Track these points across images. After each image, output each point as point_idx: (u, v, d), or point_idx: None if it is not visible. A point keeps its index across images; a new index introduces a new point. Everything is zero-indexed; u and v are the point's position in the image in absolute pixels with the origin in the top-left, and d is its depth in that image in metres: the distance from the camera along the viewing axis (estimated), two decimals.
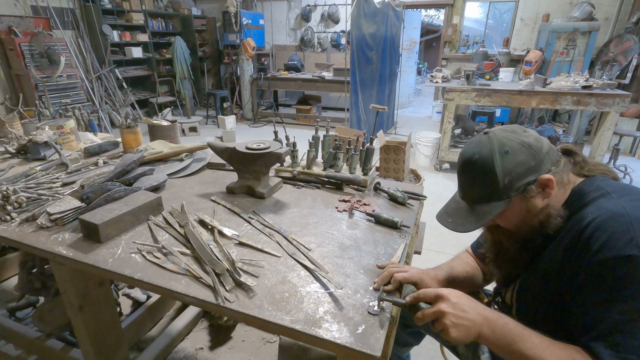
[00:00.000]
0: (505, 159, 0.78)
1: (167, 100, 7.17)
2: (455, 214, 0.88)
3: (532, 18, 6.25)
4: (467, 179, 0.85)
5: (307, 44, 7.87)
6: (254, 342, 1.85)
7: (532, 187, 0.78)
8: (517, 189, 0.78)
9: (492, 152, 0.79)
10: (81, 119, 2.22)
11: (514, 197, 0.79)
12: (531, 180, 0.78)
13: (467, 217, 0.85)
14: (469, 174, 0.84)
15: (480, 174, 0.81)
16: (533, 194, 0.79)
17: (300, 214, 1.23)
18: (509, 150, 0.78)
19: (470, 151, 0.84)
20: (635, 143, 5.08)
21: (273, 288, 0.87)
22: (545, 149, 0.80)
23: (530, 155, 0.78)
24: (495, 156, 0.79)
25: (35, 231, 1.10)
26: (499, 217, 0.83)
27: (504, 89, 4.04)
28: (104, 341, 1.28)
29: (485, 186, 0.81)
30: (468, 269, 1.10)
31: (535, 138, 0.81)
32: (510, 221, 0.85)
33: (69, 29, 5.90)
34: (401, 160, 2.62)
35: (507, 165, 0.78)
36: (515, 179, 0.78)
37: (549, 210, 0.81)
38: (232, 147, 1.32)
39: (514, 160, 0.78)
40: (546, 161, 0.79)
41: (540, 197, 0.80)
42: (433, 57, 13.46)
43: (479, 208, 0.83)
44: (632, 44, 5.03)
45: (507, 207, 0.80)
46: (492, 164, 0.79)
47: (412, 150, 4.62)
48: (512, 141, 0.79)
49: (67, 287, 1.12)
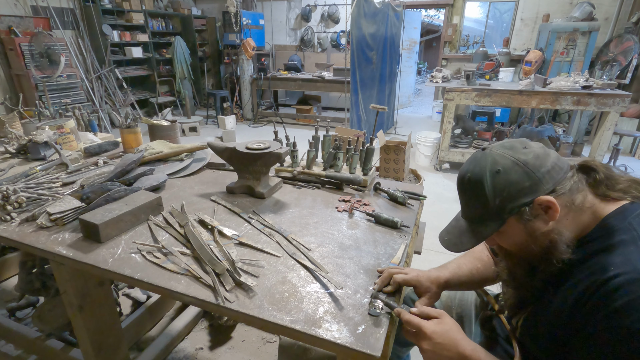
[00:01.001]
0: (495, 178, 0.73)
1: (167, 100, 7.17)
2: (452, 232, 0.86)
3: (532, 18, 6.25)
4: (463, 197, 0.82)
5: (307, 44, 7.87)
6: (254, 342, 1.85)
7: (527, 209, 0.72)
8: (510, 210, 0.73)
9: (484, 170, 0.75)
10: (81, 119, 2.22)
11: (508, 219, 0.74)
12: (526, 201, 0.71)
13: (462, 236, 0.82)
14: (464, 192, 0.81)
15: (472, 193, 0.77)
16: (531, 217, 0.73)
17: (300, 214, 1.23)
18: (500, 169, 0.73)
19: (465, 168, 0.80)
20: (635, 143, 5.08)
21: (273, 288, 0.87)
22: (547, 168, 0.72)
23: (524, 174, 0.71)
24: (486, 175, 0.74)
25: (35, 231, 1.10)
26: (498, 238, 0.80)
27: (504, 89, 4.04)
28: (104, 341, 1.28)
29: (476, 205, 0.77)
30: (479, 264, 1.06)
31: (536, 155, 0.73)
32: (510, 243, 0.80)
33: (69, 29, 5.90)
34: (401, 160, 2.62)
35: (498, 185, 0.73)
36: (507, 199, 0.72)
37: (552, 236, 0.74)
38: (232, 147, 1.32)
39: (506, 180, 0.72)
40: (546, 181, 0.71)
41: (542, 220, 0.73)
42: (433, 57, 13.47)
43: (474, 227, 0.80)
44: (632, 44, 5.04)
45: (501, 228, 0.75)
46: (482, 184, 0.74)
47: (412, 150, 4.62)
48: (506, 159, 0.73)
49: (67, 287, 1.12)
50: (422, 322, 0.76)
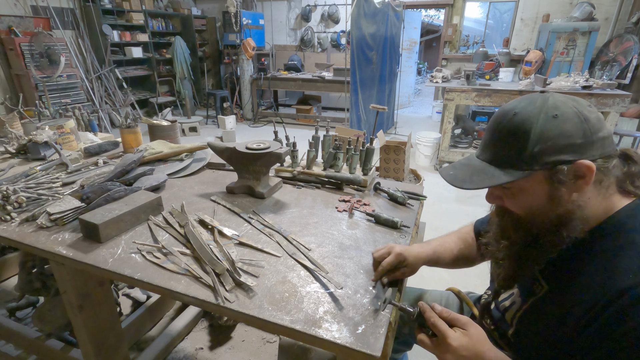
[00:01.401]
0: (549, 122, 0.63)
1: (167, 100, 7.17)
2: (461, 169, 0.75)
3: (532, 18, 6.26)
4: (493, 134, 0.70)
5: (307, 44, 7.87)
6: (254, 342, 1.85)
7: (564, 168, 0.63)
8: (544, 163, 0.64)
9: (539, 111, 0.65)
10: (81, 119, 2.22)
11: (536, 172, 0.65)
12: (567, 159, 0.63)
13: (473, 175, 0.71)
14: (497, 128, 0.69)
15: (511, 130, 0.67)
16: (562, 179, 0.64)
17: (300, 214, 1.23)
18: (558, 114, 0.63)
19: (513, 104, 0.69)
20: (635, 143, 5.08)
21: (273, 288, 0.87)
22: (603, 134, 0.64)
23: (581, 130, 0.63)
24: (539, 116, 0.64)
25: (35, 231, 1.10)
26: (510, 195, 0.71)
27: (504, 89, 4.04)
28: (104, 341, 1.28)
29: (510, 146, 0.67)
30: (462, 245, 1.04)
31: (598, 117, 0.65)
32: (523, 204, 0.71)
33: (69, 29, 5.90)
34: (401, 160, 2.62)
35: (548, 130, 0.63)
36: (549, 150, 0.63)
37: (572, 207, 0.66)
38: (232, 147, 1.32)
39: (559, 128, 0.63)
40: (597, 147, 0.63)
41: (568, 187, 0.65)
42: (433, 57, 13.47)
43: (491, 170, 0.69)
44: (632, 44, 5.04)
45: (523, 180, 0.66)
46: (530, 123, 0.64)
47: (412, 150, 4.62)
48: (569, 108, 0.64)
49: (67, 287, 1.12)
50: (448, 331, 0.69)
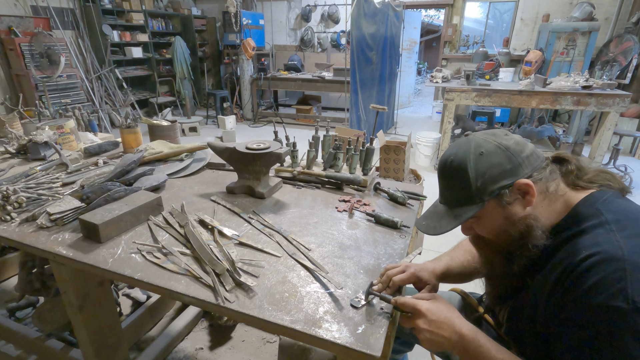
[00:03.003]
0: (479, 160, 0.75)
1: (167, 100, 7.17)
2: (430, 217, 0.86)
3: (532, 18, 6.25)
4: (444, 181, 0.83)
5: (307, 44, 7.87)
6: (254, 342, 1.85)
7: (507, 191, 0.75)
8: (490, 192, 0.75)
9: (468, 153, 0.77)
10: (81, 119, 2.22)
11: (487, 201, 0.76)
12: (506, 184, 0.74)
13: (441, 220, 0.83)
14: (445, 176, 0.82)
15: (454, 175, 0.79)
16: (509, 200, 0.75)
17: (300, 214, 1.23)
18: (483, 151, 0.75)
19: (448, 153, 0.82)
20: (635, 143, 5.08)
21: (273, 288, 0.87)
22: (526, 153, 0.76)
23: (506, 157, 0.75)
24: (469, 157, 0.76)
25: (35, 231, 1.10)
26: (476, 224, 0.82)
27: (504, 89, 4.04)
28: (104, 341, 1.28)
29: (459, 188, 0.79)
30: (469, 257, 1.07)
31: (516, 142, 0.77)
32: (488, 228, 0.82)
33: (69, 29, 5.90)
34: (401, 160, 2.62)
35: (480, 166, 0.75)
36: (489, 181, 0.75)
37: (529, 221, 0.77)
38: (232, 147, 1.32)
39: (488, 162, 0.75)
40: (525, 166, 0.75)
41: (519, 205, 0.76)
42: (433, 57, 13.47)
43: (453, 211, 0.81)
44: (632, 44, 5.03)
45: (480, 210, 0.77)
46: (465, 165, 0.76)
47: (412, 150, 4.61)
48: (489, 143, 0.76)
49: (67, 287, 1.12)
50: (416, 301, 0.78)
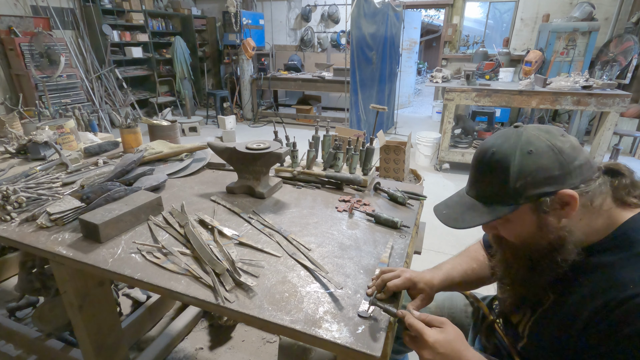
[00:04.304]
0: (525, 159, 0.67)
1: (167, 100, 7.17)
2: (453, 207, 0.78)
3: (532, 18, 6.25)
4: (478, 173, 0.75)
5: (307, 44, 7.87)
6: (254, 342, 1.85)
7: (547, 200, 0.66)
8: (528, 197, 0.67)
9: (514, 148, 0.68)
10: (81, 119, 2.22)
11: (522, 205, 0.68)
12: (549, 191, 0.66)
13: (464, 213, 0.75)
14: (481, 167, 0.73)
15: (493, 169, 0.70)
16: (547, 209, 0.67)
17: (300, 214, 1.23)
18: (533, 150, 0.66)
19: (490, 142, 0.73)
20: (635, 143, 5.08)
21: (273, 288, 0.87)
22: (580, 162, 0.67)
23: (557, 162, 0.66)
24: (515, 154, 0.67)
25: (35, 231, 1.10)
26: (503, 226, 0.75)
27: (504, 89, 4.04)
28: (104, 341, 1.28)
29: (493, 184, 0.71)
30: (474, 265, 1.02)
31: (572, 146, 0.67)
32: (515, 233, 0.75)
33: (69, 29, 5.90)
34: (401, 160, 2.62)
35: (525, 167, 0.66)
36: (530, 185, 0.66)
37: (563, 234, 0.69)
38: (232, 147, 1.32)
39: (536, 163, 0.66)
40: (575, 175, 0.66)
41: (556, 215, 0.68)
42: (433, 57, 13.47)
43: (480, 207, 0.73)
44: (632, 44, 5.03)
45: (511, 214, 0.70)
46: (508, 161, 0.68)
47: (412, 150, 4.62)
48: (542, 141, 0.67)
49: (67, 287, 1.12)
50: (424, 328, 0.72)
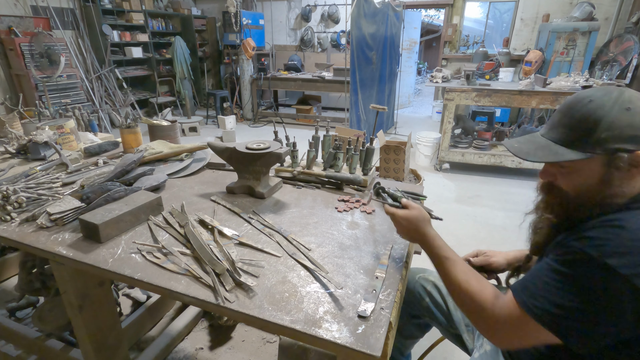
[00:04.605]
0: (621, 113, 0.68)
1: (167, 100, 7.17)
2: (525, 143, 0.81)
3: (532, 18, 6.25)
4: (565, 117, 0.76)
5: (307, 44, 7.87)
6: (254, 342, 1.85)
7: (624, 156, 0.69)
8: (607, 149, 0.69)
9: (613, 101, 0.70)
10: (81, 119, 2.22)
11: (597, 156, 0.70)
12: (629, 148, 0.68)
13: (537, 150, 0.77)
14: (571, 112, 0.75)
15: (584, 115, 0.72)
16: (619, 165, 0.69)
17: (300, 214, 1.23)
18: (631, 107, 0.68)
19: (589, 92, 0.74)
20: None
21: (273, 288, 0.87)
22: None
23: None
24: (612, 106, 0.69)
25: (35, 231, 1.10)
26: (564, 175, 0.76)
27: (504, 89, 4.04)
28: (104, 341, 1.28)
29: (578, 129, 0.72)
30: None
31: None
32: (575, 183, 0.76)
33: (69, 29, 5.90)
34: (401, 160, 2.62)
35: (618, 120, 0.68)
36: (616, 138, 0.68)
37: (617, 191, 0.71)
38: (232, 147, 1.32)
39: (630, 119, 0.68)
40: None
41: (621, 174, 0.70)
42: (433, 57, 13.47)
43: (555, 148, 0.75)
44: (632, 44, 5.03)
45: (583, 161, 0.72)
46: (603, 111, 0.69)
47: (412, 150, 4.62)
48: None
49: (67, 287, 1.12)
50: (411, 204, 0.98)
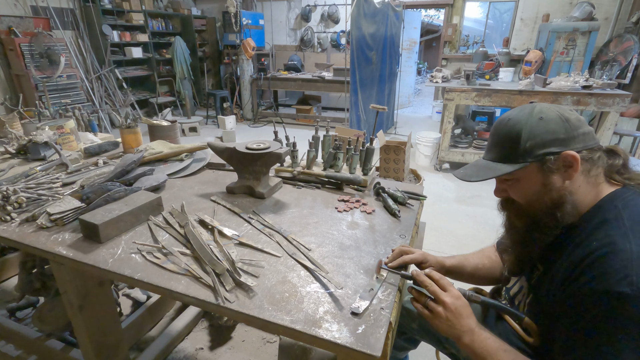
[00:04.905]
0: (536, 123, 0.76)
1: (167, 101, 7.17)
2: (470, 168, 0.89)
3: (532, 18, 6.25)
4: (494, 138, 0.84)
5: (307, 44, 7.87)
6: (254, 342, 1.85)
7: (552, 158, 0.75)
8: (536, 155, 0.76)
9: (528, 116, 0.78)
10: (81, 119, 2.22)
11: (530, 164, 0.77)
12: (554, 151, 0.75)
13: (479, 171, 0.84)
14: (497, 132, 0.83)
15: (507, 133, 0.80)
16: (552, 167, 0.76)
17: (300, 214, 1.23)
18: (543, 117, 0.76)
19: (509, 113, 0.83)
20: (635, 143, 5.08)
21: (273, 288, 0.87)
22: (583, 130, 0.77)
23: (563, 127, 0.75)
24: (528, 120, 0.77)
25: (35, 231, 1.10)
26: (512, 187, 0.83)
27: (504, 89, 4.04)
28: (104, 341, 1.28)
29: (507, 146, 0.80)
30: (486, 261, 1.11)
31: (577, 118, 0.78)
32: (523, 192, 0.82)
33: (69, 29, 5.90)
34: (401, 160, 2.62)
35: (536, 130, 0.76)
36: (538, 144, 0.76)
37: (564, 192, 0.77)
38: (232, 147, 1.32)
39: (545, 127, 0.76)
40: (578, 140, 0.76)
41: (559, 175, 0.77)
42: (433, 57, 13.46)
43: (494, 166, 0.82)
44: (632, 44, 5.03)
45: (520, 172, 0.78)
46: (521, 125, 0.77)
47: (412, 150, 4.61)
48: (552, 111, 0.77)
49: (67, 287, 1.12)
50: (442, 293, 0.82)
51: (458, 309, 0.80)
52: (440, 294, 0.81)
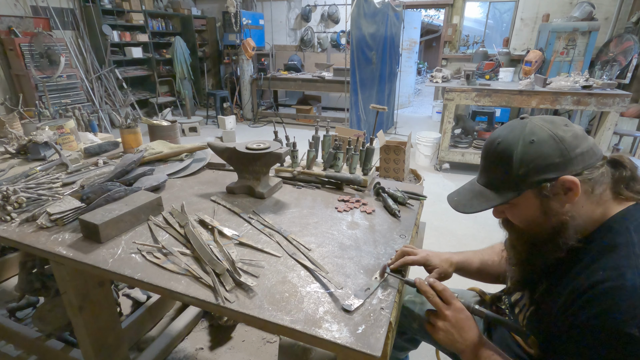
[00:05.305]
0: (528, 148, 0.70)
1: (167, 101, 7.17)
2: (463, 194, 0.84)
3: (532, 18, 6.25)
4: (485, 162, 0.80)
5: (307, 44, 7.87)
6: (254, 342, 1.85)
7: (548, 185, 0.70)
8: (530, 183, 0.71)
9: (518, 138, 0.72)
10: (81, 119, 2.22)
11: (526, 191, 0.72)
12: (550, 177, 0.69)
13: (473, 199, 0.80)
14: (488, 157, 0.78)
15: (497, 157, 0.75)
16: (549, 194, 0.71)
17: (300, 214, 1.23)
18: (535, 140, 0.70)
19: (497, 133, 0.78)
20: (635, 143, 5.08)
21: (273, 288, 0.87)
22: (582, 149, 0.70)
23: (557, 150, 0.69)
24: (518, 143, 0.71)
25: (35, 231, 1.10)
26: (510, 211, 0.79)
27: (504, 89, 4.04)
28: (104, 341, 1.28)
29: (499, 172, 0.75)
30: (495, 258, 1.07)
31: (574, 135, 0.70)
32: (520, 217, 0.78)
33: (69, 29, 5.90)
34: (401, 160, 2.62)
35: (527, 155, 0.70)
36: (532, 171, 0.70)
37: (565, 218, 0.72)
38: (232, 147, 1.32)
39: (537, 151, 0.70)
40: (577, 162, 0.69)
41: (559, 200, 0.71)
42: (433, 57, 13.46)
43: (488, 194, 0.77)
44: (632, 44, 5.03)
45: (516, 200, 0.74)
46: (511, 151, 0.72)
47: (412, 150, 4.62)
48: (544, 131, 0.71)
49: (67, 287, 1.12)
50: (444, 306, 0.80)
51: (459, 322, 0.78)
52: (442, 307, 0.79)
